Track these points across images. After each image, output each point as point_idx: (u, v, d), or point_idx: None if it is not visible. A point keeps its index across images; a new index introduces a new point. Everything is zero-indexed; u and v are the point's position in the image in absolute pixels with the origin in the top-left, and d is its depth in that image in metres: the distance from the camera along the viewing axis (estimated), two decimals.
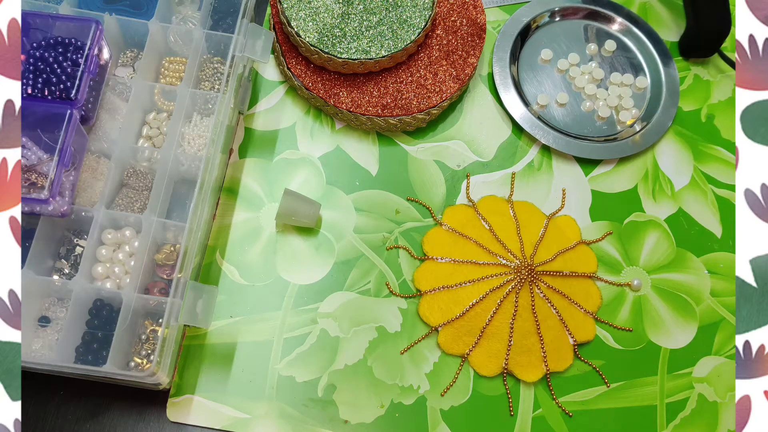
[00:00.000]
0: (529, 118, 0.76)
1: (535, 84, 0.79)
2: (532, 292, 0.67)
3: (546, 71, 0.80)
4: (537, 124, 0.75)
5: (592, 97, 0.79)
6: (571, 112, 0.78)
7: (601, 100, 0.78)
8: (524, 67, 0.80)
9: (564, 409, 0.66)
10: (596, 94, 0.78)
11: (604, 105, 0.78)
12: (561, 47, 0.81)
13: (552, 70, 0.80)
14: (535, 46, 0.81)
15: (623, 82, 0.79)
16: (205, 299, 0.59)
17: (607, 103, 0.78)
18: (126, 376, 0.56)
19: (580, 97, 0.79)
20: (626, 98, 0.78)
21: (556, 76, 0.80)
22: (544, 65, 0.80)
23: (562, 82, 0.79)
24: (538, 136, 0.75)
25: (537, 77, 0.79)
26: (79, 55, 0.62)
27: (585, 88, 0.79)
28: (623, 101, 0.78)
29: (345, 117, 0.74)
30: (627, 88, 0.79)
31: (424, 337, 0.67)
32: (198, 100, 0.69)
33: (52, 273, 0.63)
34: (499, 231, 0.69)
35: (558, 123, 0.77)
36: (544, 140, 0.75)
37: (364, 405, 0.65)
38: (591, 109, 0.78)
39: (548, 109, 0.78)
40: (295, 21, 0.73)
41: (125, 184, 0.67)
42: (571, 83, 0.79)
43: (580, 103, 0.79)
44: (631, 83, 0.79)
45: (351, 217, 0.72)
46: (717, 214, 0.75)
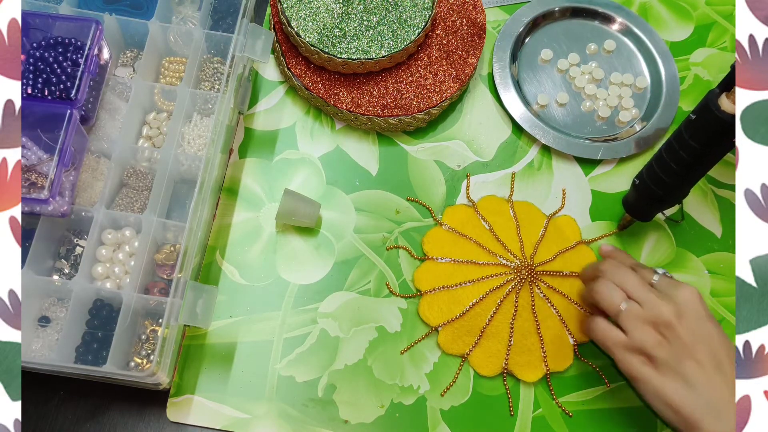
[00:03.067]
0: (529, 117, 0.76)
1: (535, 84, 0.79)
2: (532, 292, 0.67)
3: (546, 71, 0.80)
4: (537, 124, 0.75)
5: (592, 97, 0.79)
6: (571, 112, 0.78)
7: (601, 100, 0.78)
8: (524, 67, 0.80)
9: (564, 409, 0.66)
10: (596, 94, 0.78)
11: (604, 105, 0.78)
12: (561, 47, 0.81)
13: (552, 70, 0.80)
14: (536, 46, 0.81)
15: (623, 82, 0.79)
16: (205, 299, 0.59)
17: (607, 102, 0.78)
18: (126, 376, 0.56)
19: (580, 97, 0.79)
20: (626, 98, 0.78)
21: (556, 76, 0.80)
22: (544, 65, 0.80)
23: (562, 82, 0.79)
24: (538, 136, 0.75)
25: (537, 77, 0.79)
26: (79, 55, 0.62)
27: (585, 88, 0.79)
28: (623, 101, 0.78)
29: (345, 117, 0.74)
30: (627, 88, 0.79)
31: (424, 337, 0.67)
32: (198, 100, 0.69)
33: (52, 273, 0.63)
34: (499, 231, 0.69)
35: (558, 123, 0.77)
36: (544, 140, 0.75)
37: (364, 405, 0.65)
38: (591, 109, 0.78)
39: (548, 109, 0.78)
40: (295, 21, 0.73)
41: (125, 184, 0.67)
42: (571, 83, 0.79)
43: (580, 103, 0.78)
44: (631, 83, 0.79)
45: (351, 217, 0.72)
46: (717, 214, 0.75)
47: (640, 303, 0.57)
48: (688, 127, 0.60)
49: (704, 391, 0.54)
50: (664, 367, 0.55)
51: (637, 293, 0.58)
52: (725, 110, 0.56)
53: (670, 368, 0.55)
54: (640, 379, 0.56)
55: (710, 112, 0.57)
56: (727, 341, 0.56)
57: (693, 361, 0.55)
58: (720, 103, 0.57)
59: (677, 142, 0.61)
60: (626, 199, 0.70)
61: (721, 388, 0.54)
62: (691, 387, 0.54)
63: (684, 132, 0.60)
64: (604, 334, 0.58)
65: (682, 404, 0.54)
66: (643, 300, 0.57)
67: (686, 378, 0.55)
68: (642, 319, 0.56)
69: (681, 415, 0.55)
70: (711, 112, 0.57)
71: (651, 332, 0.56)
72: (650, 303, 0.57)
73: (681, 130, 0.61)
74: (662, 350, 0.56)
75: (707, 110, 0.57)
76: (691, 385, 0.54)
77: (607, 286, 0.59)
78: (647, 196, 0.66)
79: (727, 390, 0.54)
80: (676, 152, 0.61)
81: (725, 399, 0.54)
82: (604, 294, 0.59)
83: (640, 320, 0.56)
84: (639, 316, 0.57)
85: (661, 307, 0.56)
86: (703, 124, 0.58)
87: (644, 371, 0.56)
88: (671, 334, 0.56)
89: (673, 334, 0.55)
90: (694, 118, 0.59)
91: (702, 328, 0.56)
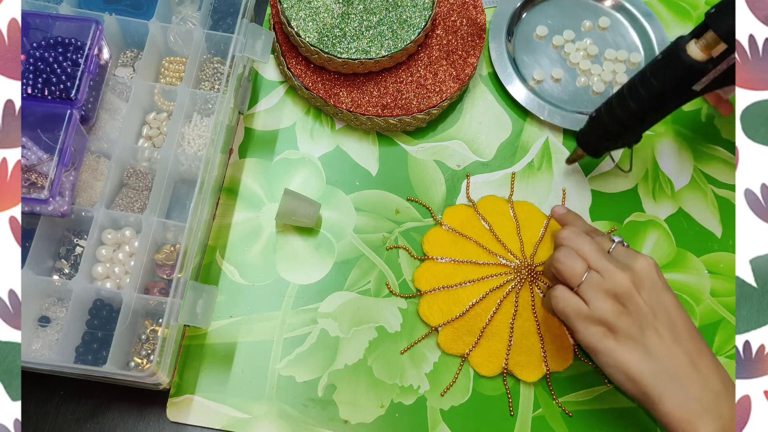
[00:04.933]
0: (526, 93, 0.77)
1: (530, 60, 0.81)
2: (532, 292, 0.67)
3: (541, 47, 0.81)
4: (533, 99, 0.77)
5: (587, 73, 0.80)
6: (566, 87, 0.79)
7: (595, 76, 0.80)
8: (520, 43, 0.82)
9: (564, 409, 0.66)
10: (591, 69, 0.80)
11: (598, 80, 0.80)
12: (556, 24, 0.83)
13: (547, 46, 0.82)
14: (531, 23, 0.83)
15: (617, 57, 0.81)
16: (205, 299, 0.59)
17: (601, 78, 0.80)
18: (126, 376, 0.56)
19: (575, 73, 0.80)
20: (620, 73, 0.80)
21: (552, 52, 0.81)
22: (539, 41, 0.82)
23: (557, 58, 0.81)
24: (534, 110, 0.76)
25: (533, 53, 0.81)
26: (79, 55, 0.62)
27: (580, 64, 0.80)
28: (617, 76, 0.80)
29: (345, 117, 0.74)
30: (621, 64, 0.81)
31: (424, 337, 0.67)
32: (198, 100, 0.69)
33: (52, 273, 0.63)
34: (499, 231, 0.69)
35: (553, 98, 0.79)
36: (540, 114, 0.76)
37: (364, 405, 0.65)
38: (586, 85, 0.80)
39: (544, 84, 0.79)
40: (295, 21, 0.73)
41: (125, 184, 0.67)
42: (566, 59, 0.81)
43: (575, 79, 0.80)
44: (626, 59, 0.81)
45: (351, 217, 0.72)
46: (717, 214, 0.75)
47: (600, 272, 0.57)
48: (652, 66, 0.61)
49: (664, 361, 0.55)
50: (625, 337, 0.55)
51: (597, 263, 0.57)
52: (690, 54, 0.58)
53: (631, 338, 0.55)
54: (601, 351, 0.56)
55: (676, 54, 0.59)
56: (683, 312, 0.57)
57: (652, 331, 0.55)
58: (687, 47, 0.58)
59: (639, 80, 0.62)
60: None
61: (681, 358, 0.55)
62: (651, 357, 0.55)
63: (648, 70, 0.62)
64: (567, 303, 0.57)
65: (643, 375, 0.55)
66: (602, 269, 0.57)
67: (647, 348, 0.55)
68: (603, 290, 0.56)
69: (641, 386, 0.55)
70: (677, 54, 0.58)
71: (612, 302, 0.56)
72: (609, 273, 0.57)
73: (645, 68, 0.62)
74: (623, 321, 0.56)
75: (673, 52, 0.59)
76: (652, 355, 0.55)
77: (570, 256, 0.58)
78: (601, 131, 0.67)
79: (686, 360, 0.55)
80: (636, 90, 0.62)
81: (684, 368, 0.54)
82: (566, 264, 0.58)
83: (601, 290, 0.56)
84: (600, 286, 0.56)
85: (620, 278, 0.56)
86: (667, 65, 0.60)
87: (605, 343, 0.56)
88: (631, 304, 0.56)
89: (633, 304, 0.56)
90: (660, 58, 0.61)
91: (660, 298, 0.56)
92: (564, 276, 0.58)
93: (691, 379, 0.54)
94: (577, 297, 0.57)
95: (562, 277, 0.59)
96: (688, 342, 0.56)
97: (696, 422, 0.53)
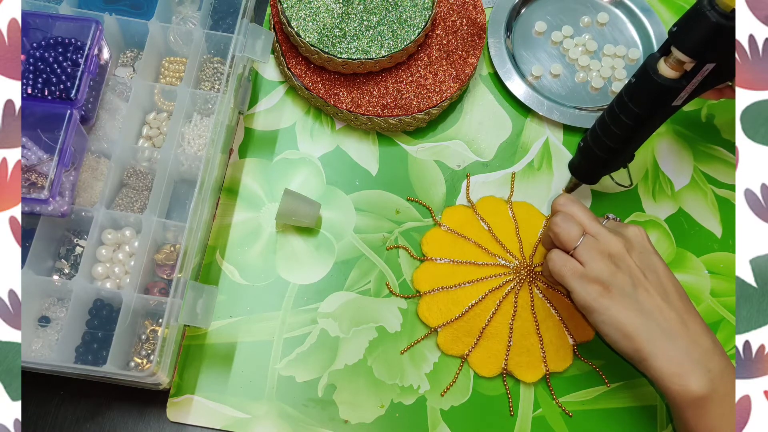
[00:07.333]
0: (525, 89, 0.77)
1: (530, 56, 0.81)
2: (532, 293, 0.67)
3: (540, 43, 0.82)
4: (531, 94, 0.77)
5: (586, 68, 0.80)
6: (565, 83, 0.80)
7: (594, 71, 0.80)
8: (519, 38, 0.82)
9: (564, 409, 0.66)
10: (589, 65, 0.80)
11: (597, 76, 0.80)
12: (555, 20, 0.83)
13: (546, 42, 0.82)
14: (530, 19, 0.83)
15: (616, 53, 0.81)
16: (205, 299, 0.59)
17: (600, 74, 0.80)
18: (126, 376, 0.56)
19: (574, 69, 0.81)
20: (619, 69, 0.80)
21: (551, 48, 0.81)
22: (538, 37, 0.82)
23: (556, 53, 0.81)
24: (532, 106, 0.76)
25: (531, 49, 0.81)
26: (79, 55, 0.62)
27: (578, 60, 0.81)
28: (616, 72, 0.80)
29: (345, 117, 0.74)
30: (620, 60, 0.81)
31: (424, 337, 0.67)
32: (198, 100, 0.69)
33: (52, 273, 0.63)
34: (498, 231, 0.69)
35: (552, 94, 0.79)
36: (539, 110, 0.76)
37: (364, 405, 0.65)
38: (584, 80, 0.80)
39: (543, 80, 0.80)
40: (295, 21, 0.73)
41: (125, 184, 0.67)
42: (565, 55, 0.81)
43: (573, 74, 0.80)
44: (624, 54, 0.81)
45: (351, 217, 0.72)
46: (717, 214, 0.75)
47: (595, 237, 0.60)
48: (627, 90, 0.61)
49: (657, 318, 0.57)
50: (620, 295, 0.58)
51: (592, 228, 0.60)
52: (663, 74, 0.57)
53: (625, 296, 0.57)
54: (596, 309, 0.58)
55: (648, 76, 0.58)
56: (671, 274, 0.60)
57: (643, 290, 0.58)
58: (658, 67, 0.58)
59: (618, 106, 0.62)
60: (572, 162, 0.71)
61: (671, 315, 0.57)
62: (644, 314, 0.57)
63: (624, 95, 0.61)
64: (563, 264, 0.59)
65: (637, 331, 0.57)
66: (597, 233, 0.60)
67: (640, 306, 0.57)
68: (598, 251, 0.59)
69: (635, 342, 0.57)
70: (649, 76, 0.58)
71: (607, 262, 0.58)
72: (603, 236, 0.59)
73: (622, 93, 0.62)
74: (618, 278, 0.58)
75: (645, 74, 0.58)
76: (645, 312, 0.57)
77: (567, 221, 0.60)
78: (592, 160, 0.67)
79: (676, 317, 0.57)
80: (617, 116, 0.62)
81: (675, 325, 0.57)
82: (564, 227, 0.60)
83: (597, 251, 0.59)
84: (595, 247, 0.59)
85: (613, 241, 0.59)
86: (641, 87, 0.59)
87: (601, 301, 0.58)
88: (623, 264, 0.58)
89: (625, 264, 0.58)
90: (633, 81, 0.60)
91: (650, 260, 0.60)
92: (561, 239, 0.60)
93: (682, 335, 0.57)
94: (573, 259, 0.59)
95: (558, 241, 0.60)
96: (677, 301, 0.58)
97: (686, 376, 0.55)
